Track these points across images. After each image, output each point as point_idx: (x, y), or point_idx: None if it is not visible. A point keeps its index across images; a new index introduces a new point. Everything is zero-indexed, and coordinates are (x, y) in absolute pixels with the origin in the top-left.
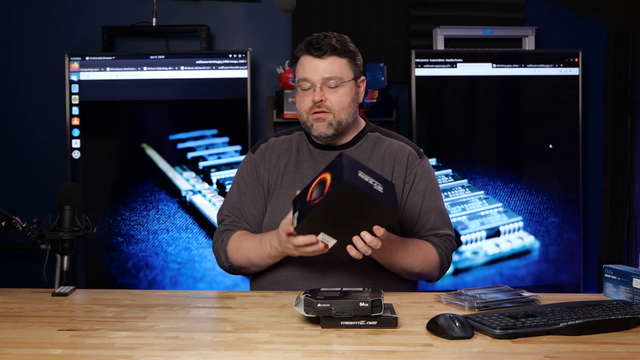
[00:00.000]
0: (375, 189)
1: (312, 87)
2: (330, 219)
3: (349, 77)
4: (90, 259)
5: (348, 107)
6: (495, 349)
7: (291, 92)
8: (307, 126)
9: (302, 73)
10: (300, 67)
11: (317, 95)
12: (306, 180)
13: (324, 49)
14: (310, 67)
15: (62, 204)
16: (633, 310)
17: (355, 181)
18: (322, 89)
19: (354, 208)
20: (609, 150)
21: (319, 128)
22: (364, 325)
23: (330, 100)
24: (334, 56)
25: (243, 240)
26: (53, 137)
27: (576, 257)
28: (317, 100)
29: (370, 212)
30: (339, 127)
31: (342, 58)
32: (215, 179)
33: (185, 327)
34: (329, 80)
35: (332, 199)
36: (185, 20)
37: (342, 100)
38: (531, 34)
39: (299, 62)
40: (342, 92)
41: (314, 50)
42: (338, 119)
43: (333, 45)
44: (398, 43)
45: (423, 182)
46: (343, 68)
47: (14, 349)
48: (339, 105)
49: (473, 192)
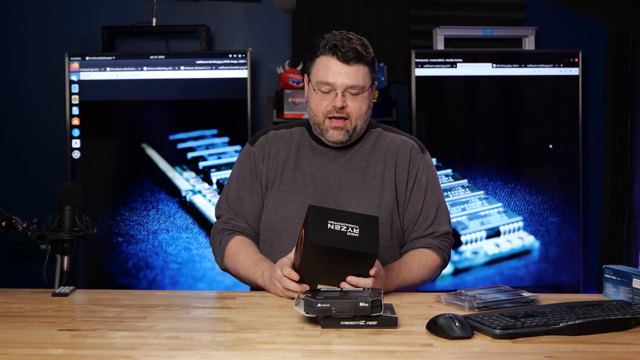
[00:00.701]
0: (349, 235)
1: (334, 92)
2: (315, 270)
3: (368, 84)
4: (90, 259)
5: (365, 115)
6: (495, 349)
7: (291, 92)
8: (321, 129)
9: (325, 76)
10: (323, 69)
11: (338, 101)
12: (306, 176)
13: (351, 55)
14: (334, 71)
15: (62, 204)
16: (633, 310)
17: (321, 238)
18: (344, 94)
19: (332, 259)
20: (609, 150)
21: (335, 135)
22: (364, 325)
23: (350, 107)
24: (360, 64)
25: (241, 254)
26: (53, 137)
27: (576, 257)
28: (338, 106)
29: (350, 259)
30: (353, 134)
31: (365, 66)
32: (215, 179)
33: (185, 327)
34: (352, 88)
35: (306, 257)
36: (185, 20)
37: (361, 107)
38: (531, 34)
39: (320, 62)
40: (361, 99)
41: (341, 55)
42: (354, 126)
43: (359, 52)
44: (398, 43)
45: (425, 177)
46: (365, 76)
47: (14, 349)
48: (358, 113)
49: (473, 192)
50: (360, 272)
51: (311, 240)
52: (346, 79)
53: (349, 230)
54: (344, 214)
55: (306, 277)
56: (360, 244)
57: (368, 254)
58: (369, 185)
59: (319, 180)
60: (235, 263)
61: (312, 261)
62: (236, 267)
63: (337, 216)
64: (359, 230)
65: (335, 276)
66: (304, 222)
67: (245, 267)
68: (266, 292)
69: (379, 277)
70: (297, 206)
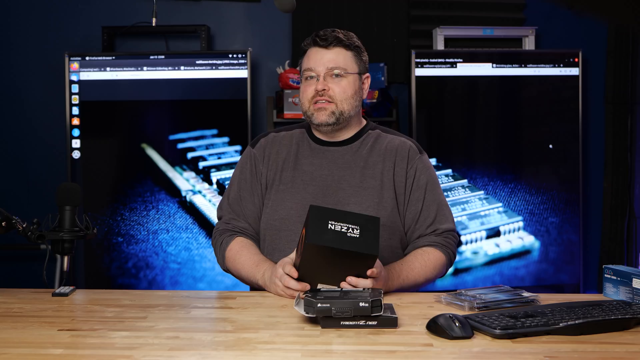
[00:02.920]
0: (349, 236)
1: (316, 77)
2: (315, 269)
3: (353, 69)
4: (90, 259)
5: (350, 99)
6: (495, 349)
7: (291, 92)
8: (308, 115)
9: (307, 63)
10: (306, 58)
11: (320, 84)
12: (305, 176)
13: (330, 39)
14: (315, 57)
15: (62, 204)
16: (633, 310)
17: (322, 238)
18: (326, 78)
19: (332, 259)
20: (609, 150)
21: (320, 116)
22: (364, 325)
23: (334, 90)
24: (340, 47)
25: (242, 255)
26: (53, 137)
27: (576, 257)
28: (320, 89)
29: (350, 259)
30: (340, 117)
31: (348, 50)
32: (215, 179)
33: (185, 327)
34: (333, 70)
35: (306, 257)
36: (185, 20)
37: (345, 90)
38: (531, 34)
39: (306, 54)
40: (346, 83)
41: (320, 41)
42: (340, 109)
43: (339, 37)
44: (398, 43)
45: (424, 176)
46: (348, 60)
47: (14, 349)
48: (342, 96)
49: (473, 192)
50: (360, 273)
51: (311, 240)
52: (327, 63)
53: (350, 230)
54: (344, 214)
55: (306, 277)
56: (360, 245)
57: (368, 254)
58: (368, 185)
59: (318, 179)
60: (237, 264)
61: (312, 261)
62: (237, 268)
63: (338, 216)
64: (359, 230)
65: (335, 276)
66: (305, 222)
67: (246, 267)
68: (266, 292)
69: (380, 277)
70: (297, 205)
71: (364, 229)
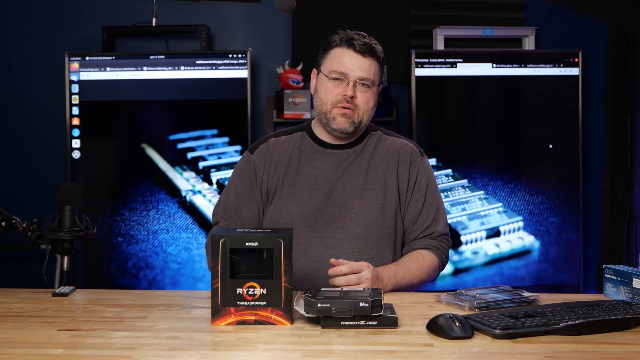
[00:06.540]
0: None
1: (347, 82)
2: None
3: (377, 82)
4: (90, 259)
5: (370, 110)
6: (495, 349)
7: (291, 92)
8: (328, 117)
9: (339, 65)
10: (337, 59)
11: (349, 90)
12: (309, 179)
13: (366, 48)
14: (349, 62)
15: (62, 204)
16: (633, 310)
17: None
18: (355, 85)
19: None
20: (609, 150)
21: (342, 123)
22: (364, 325)
23: (359, 100)
24: (372, 58)
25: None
26: (53, 137)
27: (576, 257)
28: (349, 95)
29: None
30: (358, 127)
31: (377, 62)
32: (215, 179)
33: (185, 327)
34: (363, 79)
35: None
36: (185, 20)
37: (369, 102)
38: (531, 34)
39: (334, 53)
40: (370, 94)
41: (358, 46)
42: (360, 119)
43: (373, 47)
44: (398, 43)
45: (425, 178)
46: (376, 72)
47: (14, 349)
48: (365, 107)
49: (473, 192)
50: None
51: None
52: (359, 71)
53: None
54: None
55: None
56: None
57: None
58: (372, 187)
59: (322, 182)
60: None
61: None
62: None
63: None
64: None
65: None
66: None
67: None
68: None
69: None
70: (301, 209)
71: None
